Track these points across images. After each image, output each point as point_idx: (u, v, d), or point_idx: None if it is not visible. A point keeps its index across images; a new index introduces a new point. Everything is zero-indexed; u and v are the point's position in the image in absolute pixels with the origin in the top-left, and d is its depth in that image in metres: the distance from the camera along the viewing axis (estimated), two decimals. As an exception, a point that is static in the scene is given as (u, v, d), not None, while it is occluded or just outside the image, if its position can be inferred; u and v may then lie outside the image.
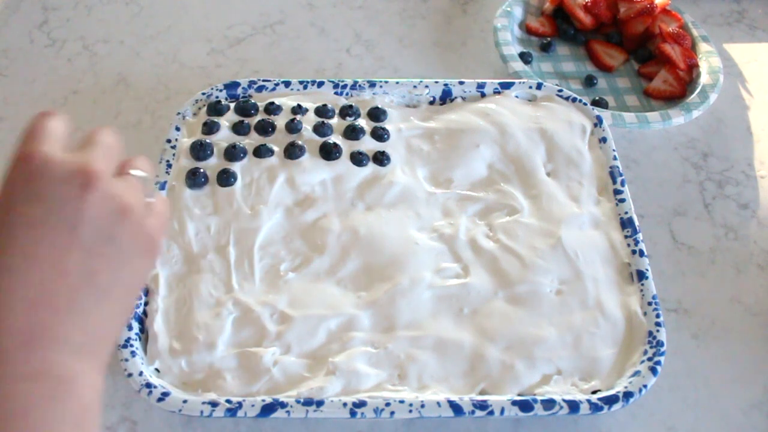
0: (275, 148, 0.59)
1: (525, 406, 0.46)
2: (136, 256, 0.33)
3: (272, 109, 0.62)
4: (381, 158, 0.60)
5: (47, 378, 0.28)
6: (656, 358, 0.49)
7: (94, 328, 0.31)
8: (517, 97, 0.66)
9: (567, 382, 0.49)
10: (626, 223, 0.57)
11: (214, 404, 0.45)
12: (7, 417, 0.27)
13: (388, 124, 0.62)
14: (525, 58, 0.76)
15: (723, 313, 0.59)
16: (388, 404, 0.46)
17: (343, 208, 0.57)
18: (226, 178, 0.57)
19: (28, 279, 0.29)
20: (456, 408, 0.46)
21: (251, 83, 0.65)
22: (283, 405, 0.45)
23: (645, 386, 0.47)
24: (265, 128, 0.61)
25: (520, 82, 0.67)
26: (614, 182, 0.59)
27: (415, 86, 0.65)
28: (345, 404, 0.46)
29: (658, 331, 0.50)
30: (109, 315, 0.32)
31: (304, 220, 0.56)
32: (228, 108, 0.62)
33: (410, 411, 0.46)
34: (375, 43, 0.80)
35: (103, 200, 0.31)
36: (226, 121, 0.61)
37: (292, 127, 0.61)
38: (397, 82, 0.65)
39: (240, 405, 0.45)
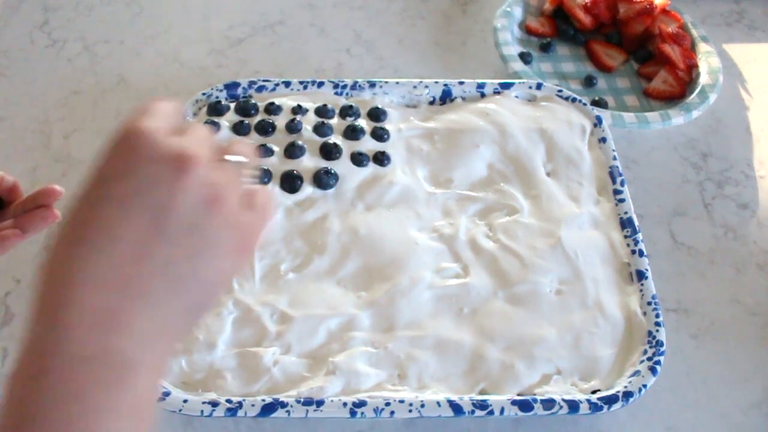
0: (275, 148, 0.59)
1: (525, 405, 0.46)
2: (221, 252, 0.30)
3: (272, 109, 0.62)
4: (381, 158, 0.60)
5: (106, 363, 0.27)
6: (656, 358, 0.49)
7: (162, 320, 0.29)
8: (517, 97, 0.66)
9: (567, 382, 0.49)
10: (626, 223, 0.57)
11: (214, 404, 0.45)
12: (61, 398, 0.26)
13: (388, 125, 0.62)
14: (525, 58, 0.76)
15: (722, 313, 0.59)
16: (388, 404, 0.46)
17: (343, 208, 0.57)
18: (226, 178, 0.57)
19: (108, 259, 0.28)
20: (456, 408, 0.46)
21: (251, 83, 0.65)
22: (283, 405, 0.45)
23: (645, 386, 0.47)
24: (266, 128, 0.61)
25: (520, 82, 0.67)
26: (614, 182, 0.59)
27: (415, 86, 0.65)
28: (345, 404, 0.46)
29: (657, 331, 0.50)
30: (179, 309, 0.29)
31: (304, 220, 0.56)
32: (228, 108, 0.63)
33: (410, 411, 0.46)
34: (375, 43, 0.80)
35: (196, 187, 0.29)
36: (226, 121, 0.61)
37: (293, 128, 0.61)
38: (397, 82, 0.65)
39: (240, 405, 0.45)
